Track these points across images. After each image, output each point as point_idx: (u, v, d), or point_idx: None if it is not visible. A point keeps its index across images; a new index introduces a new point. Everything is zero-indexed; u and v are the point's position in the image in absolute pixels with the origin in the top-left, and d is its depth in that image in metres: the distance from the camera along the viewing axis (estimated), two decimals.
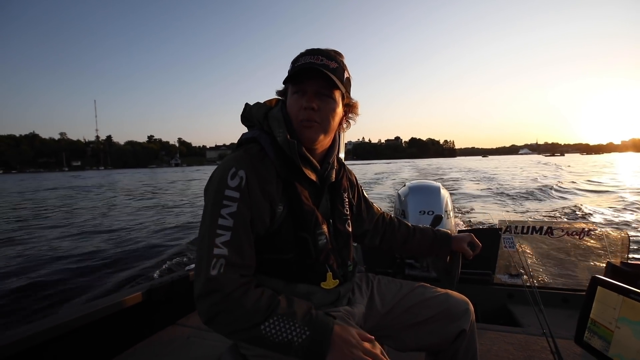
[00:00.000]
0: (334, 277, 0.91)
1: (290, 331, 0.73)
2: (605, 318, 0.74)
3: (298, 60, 0.88)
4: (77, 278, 4.89)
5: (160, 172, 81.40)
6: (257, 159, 0.85)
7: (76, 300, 4.07)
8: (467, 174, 28.63)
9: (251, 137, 0.91)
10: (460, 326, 1.00)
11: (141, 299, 1.51)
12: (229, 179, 0.81)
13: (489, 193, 14.45)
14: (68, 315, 1.25)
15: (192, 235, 7.33)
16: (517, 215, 8.74)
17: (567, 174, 25.15)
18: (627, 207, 9.83)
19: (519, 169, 35.85)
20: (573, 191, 14.16)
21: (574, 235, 2.24)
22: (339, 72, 0.89)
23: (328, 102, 0.88)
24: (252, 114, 0.95)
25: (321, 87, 0.87)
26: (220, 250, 0.76)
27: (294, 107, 0.88)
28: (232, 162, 0.84)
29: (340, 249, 0.97)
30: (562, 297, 1.94)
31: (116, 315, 1.40)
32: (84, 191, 24.32)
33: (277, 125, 0.88)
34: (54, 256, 6.11)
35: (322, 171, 0.95)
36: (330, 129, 0.91)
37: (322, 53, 0.88)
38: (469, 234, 1.23)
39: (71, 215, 11.98)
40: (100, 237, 7.87)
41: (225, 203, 0.79)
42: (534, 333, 1.52)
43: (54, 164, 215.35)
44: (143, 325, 1.54)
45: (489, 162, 74.22)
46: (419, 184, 2.46)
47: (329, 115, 0.89)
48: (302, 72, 0.86)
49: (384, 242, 1.23)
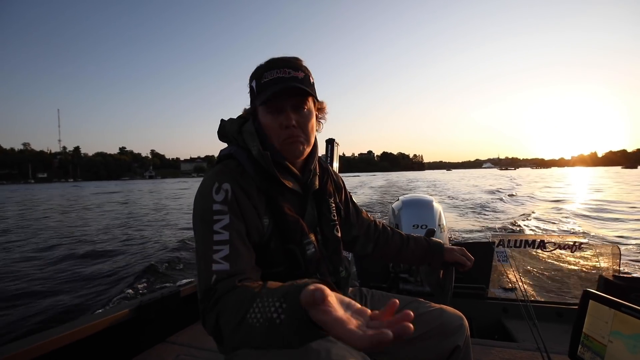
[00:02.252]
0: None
1: (269, 309, 0.63)
2: (598, 332, 0.78)
3: (263, 76, 0.88)
4: (64, 295, 4.79)
5: (138, 184, 79.93)
6: (236, 173, 0.86)
7: (62, 318, 3.99)
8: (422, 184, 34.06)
9: (228, 153, 0.92)
10: (454, 342, 1.02)
11: (130, 316, 1.49)
12: (214, 194, 0.82)
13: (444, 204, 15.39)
14: (53, 333, 1.23)
15: (183, 250, 7.25)
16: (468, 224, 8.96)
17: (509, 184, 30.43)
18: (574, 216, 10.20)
19: (464, 180, 45.61)
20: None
21: (566, 249, 2.31)
22: (307, 81, 0.89)
23: (305, 115, 0.90)
24: (226, 130, 0.96)
25: (297, 101, 0.88)
26: (221, 266, 0.76)
27: (272, 126, 0.88)
28: (213, 177, 0.85)
29: (331, 256, 0.97)
30: (557, 312, 1.99)
31: (103, 333, 1.38)
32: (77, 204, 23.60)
33: (250, 139, 0.89)
34: (34, 273, 5.94)
35: (304, 179, 0.96)
36: (312, 138, 0.93)
37: (286, 64, 0.88)
38: (460, 247, 1.27)
39: (51, 229, 11.68)
40: (86, 251, 7.70)
41: (216, 218, 0.80)
42: (528, 348, 1.56)
43: (17, 176, 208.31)
44: (131, 343, 1.52)
45: (451, 175, 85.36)
46: (412, 198, 2.52)
47: (308, 127, 0.91)
48: (270, 87, 0.85)
49: (377, 249, 1.24)
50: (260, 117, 0.91)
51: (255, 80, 0.90)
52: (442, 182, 39.72)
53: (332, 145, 2.43)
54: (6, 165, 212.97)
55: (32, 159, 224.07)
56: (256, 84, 0.89)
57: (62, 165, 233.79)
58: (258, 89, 0.89)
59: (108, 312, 1.45)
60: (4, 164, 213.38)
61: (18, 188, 78.13)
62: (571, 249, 2.29)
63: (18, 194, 42.64)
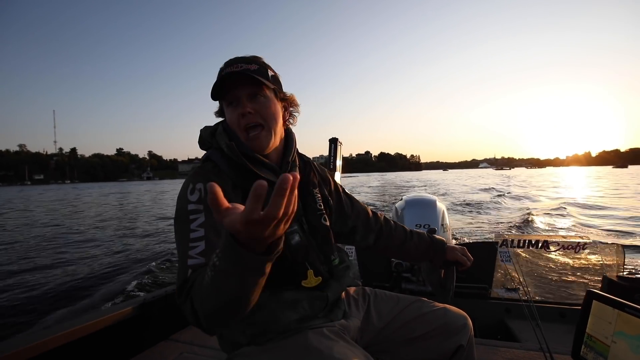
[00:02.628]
0: (316, 274, 0.93)
1: (212, 261, 0.63)
2: (601, 332, 0.79)
3: (220, 73, 0.93)
4: (68, 292, 4.85)
5: (137, 185, 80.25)
6: (212, 174, 0.90)
7: (66, 315, 4.04)
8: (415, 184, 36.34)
9: (205, 157, 0.97)
10: (458, 341, 1.03)
11: (133, 314, 1.51)
12: (189, 195, 0.86)
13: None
14: (56, 330, 1.24)
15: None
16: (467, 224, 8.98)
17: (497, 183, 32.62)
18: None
19: (455, 179, 48.94)
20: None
21: (569, 249, 2.32)
22: (261, 72, 0.93)
23: (261, 102, 0.92)
24: (203, 137, 1.01)
25: (250, 89, 0.91)
26: (196, 260, 0.77)
27: (233, 118, 0.92)
28: (188, 180, 0.89)
29: (320, 245, 0.98)
30: (560, 312, 2.00)
31: (107, 330, 1.40)
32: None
33: (221, 139, 0.94)
34: (39, 270, 6.00)
35: (282, 171, 0.93)
36: (276, 127, 0.96)
37: (239, 60, 0.93)
38: (461, 247, 1.28)
39: (59, 227, 11.79)
40: (91, 249, 7.80)
41: (191, 217, 0.83)
42: (531, 348, 1.57)
43: (13, 178, 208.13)
44: (135, 341, 1.54)
45: (448, 175, 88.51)
46: (415, 198, 2.53)
47: (267, 114, 0.93)
48: (226, 82, 0.90)
49: (380, 241, 1.24)
50: (225, 113, 0.96)
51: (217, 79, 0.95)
52: (437, 181, 42.96)
53: (335, 145, 2.45)
54: (2, 167, 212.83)
55: (29, 160, 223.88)
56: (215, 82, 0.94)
57: (58, 167, 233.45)
58: (213, 85, 0.93)
59: (112, 310, 1.46)
60: (0, 165, 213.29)
61: (15, 189, 78.36)
62: (575, 249, 2.30)
63: (20, 195, 42.55)
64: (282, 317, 0.89)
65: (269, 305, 0.88)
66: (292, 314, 0.90)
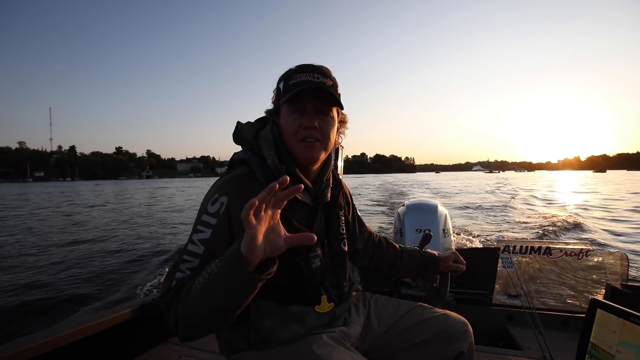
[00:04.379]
0: (329, 300, 0.93)
1: (207, 270, 0.71)
2: (605, 342, 0.77)
3: (292, 78, 0.90)
4: (66, 294, 4.81)
5: (136, 184, 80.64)
6: (244, 182, 0.88)
7: (64, 317, 3.99)
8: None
9: (241, 158, 0.94)
10: (458, 348, 1.02)
11: (132, 316, 1.50)
12: (209, 205, 0.84)
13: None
14: (53, 332, 1.23)
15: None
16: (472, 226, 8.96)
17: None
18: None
19: (447, 182, 53.76)
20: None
21: (572, 256, 2.30)
22: (335, 89, 0.92)
23: (327, 121, 0.91)
24: (242, 134, 0.98)
25: (321, 106, 0.90)
26: (184, 275, 0.79)
27: (292, 126, 0.89)
28: (217, 187, 0.87)
29: (336, 270, 0.98)
30: (562, 320, 1.99)
31: (105, 332, 1.39)
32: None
33: (266, 147, 0.91)
34: (36, 271, 5.97)
35: (315, 191, 0.96)
36: (329, 147, 0.94)
37: (316, 70, 0.90)
38: (453, 252, 1.28)
39: (52, 227, 11.74)
40: (89, 251, 7.75)
41: (199, 228, 0.82)
42: (533, 356, 1.55)
43: (14, 175, 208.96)
44: (133, 343, 1.53)
45: (439, 177, 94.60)
46: (416, 203, 2.52)
47: (329, 133, 0.92)
48: (302, 91, 0.87)
49: (372, 263, 1.26)
50: (282, 117, 0.92)
51: (284, 81, 0.92)
52: (426, 182, 48.03)
53: (337, 148, 2.44)
54: (3, 164, 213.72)
55: (29, 157, 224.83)
56: (284, 85, 0.91)
57: (58, 164, 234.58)
58: (285, 89, 0.91)
59: (110, 312, 1.45)
60: (1, 162, 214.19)
61: (19, 186, 78.80)
62: (577, 255, 2.29)
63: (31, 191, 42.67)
64: (287, 329, 0.88)
65: (276, 315, 0.88)
66: (299, 327, 0.90)
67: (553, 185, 38.17)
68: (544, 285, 3.00)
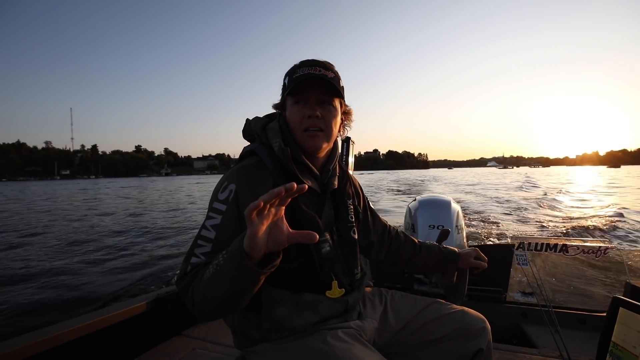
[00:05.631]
0: (340, 285, 0.93)
1: (216, 260, 0.75)
2: (628, 341, 0.73)
3: (295, 72, 0.93)
4: (82, 286, 4.93)
5: (158, 180, 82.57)
6: (253, 171, 0.90)
7: (80, 309, 4.09)
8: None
9: (250, 149, 0.98)
10: (477, 345, 1.00)
11: (146, 309, 1.53)
12: (219, 192, 0.88)
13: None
14: (70, 324, 1.26)
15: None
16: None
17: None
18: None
19: (457, 178, 52.29)
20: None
21: (590, 254, 2.22)
22: (336, 81, 0.94)
23: (330, 110, 0.94)
24: (251, 128, 1.01)
25: (323, 96, 0.93)
26: (198, 260, 0.83)
27: (296, 116, 0.93)
28: (227, 176, 0.91)
29: (346, 257, 0.98)
30: (579, 318, 1.92)
31: (120, 324, 1.41)
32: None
33: (273, 136, 0.94)
34: (56, 264, 6.13)
35: (322, 178, 0.98)
36: (332, 136, 0.96)
37: (318, 64, 0.93)
38: (474, 248, 1.24)
39: (75, 222, 12.09)
40: (106, 244, 7.93)
41: (210, 215, 0.86)
42: (550, 355, 1.50)
43: (42, 172, 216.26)
44: (147, 336, 1.55)
45: (452, 173, 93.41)
46: (428, 198, 2.48)
47: (331, 123, 0.94)
48: (304, 83, 0.90)
49: (389, 256, 1.24)
50: (287, 109, 0.96)
51: (289, 76, 0.95)
52: (431, 178, 48.04)
53: (348, 144, 2.42)
54: (32, 162, 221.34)
55: (55, 157, 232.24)
56: (288, 79, 0.95)
57: (82, 163, 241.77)
58: (289, 83, 0.94)
59: (125, 305, 1.47)
60: (30, 161, 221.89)
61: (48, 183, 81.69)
62: (595, 253, 2.20)
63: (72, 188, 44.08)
64: (300, 317, 0.88)
65: (289, 303, 0.88)
66: (311, 315, 0.90)
67: (561, 180, 36.32)
68: (560, 282, 2.91)
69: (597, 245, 2.26)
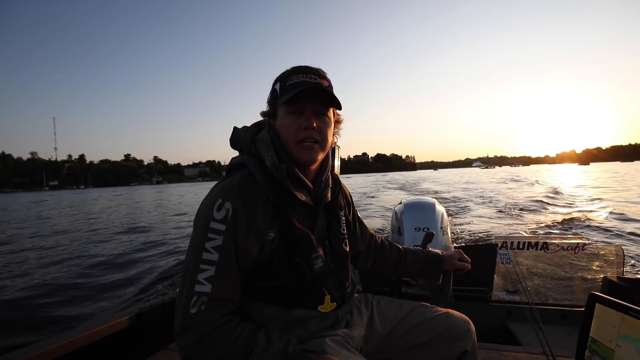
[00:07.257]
0: (332, 300, 0.91)
1: None
2: (605, 336, 0.75)
3: (288, 79, 0.88)
4: (63, 302, 4.69)
5: (148, 189, 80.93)
6: (245, 186, 0.84)
7: (61, 326, 3.89)
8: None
9: (240, 162, 0.91)
10: (462, 347, 1.00)
11: (129, 324, 1.47)
12: (215, 211, 0.80)
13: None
14: (51, 342, 1.20)
15: (183, 257, 7.12)
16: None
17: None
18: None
19: (440, 178, 53.28)
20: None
21: (569, 250, 2.27)
22: (331, 91, 0.90)
23: (325, 121, 0.90)
24: (239, 138, 0.95)
25: (319, 107, 0.89)
26: (203, 287, 0.76)
27: (291, 127, 0.87)
28: (219, 192, 0.83)
29: (338, 270, 0.96)
30: (561, 314, 1.95)
31: (103, 340, 1.36)
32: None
33: (265, 149, 0.88)
34: (32, 278, 5.84)
35: (315, 191, 0.94)
36: (327, 147, 0.93)
37: (312, 71, 0.89)
38: (457, 250, 1.25)
39: (54, 235, 11.64)
40: (87, 258, 7.58)
41: (210, 236, 0.78)
42: (533, 352, 1.52)
43: (29, 184, 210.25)
44: (131, 351, 1.50)
45: (437, 174, 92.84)
46: (414, 201, 2.50)
47: (327, 134, 0.91)
48: (301, 92, 0.86)
49: (376, 265, 1.23)
50: (279, 118, 0.90)
51: (280, 82, 0.90)
52: (424, 178, 51.81)
53: (333, 148, 2.43)
54: (19, 173, 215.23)
55: (42, 167, 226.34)
56: (280, 85, 0.90)
57: (70, 173, 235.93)
58: (282, 90, 0.89)
59: (108, 319, 1.42)
60: (17, 172, 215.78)
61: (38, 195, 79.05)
62: (574, 250, 2.25)
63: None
64: (290, 334, 0.86)
65: (280, 320, 0.86)
66: (301, 331, 0.88)
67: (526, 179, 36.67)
68: (542, 280, 2.96)
69: (575, 242, 2.31)
